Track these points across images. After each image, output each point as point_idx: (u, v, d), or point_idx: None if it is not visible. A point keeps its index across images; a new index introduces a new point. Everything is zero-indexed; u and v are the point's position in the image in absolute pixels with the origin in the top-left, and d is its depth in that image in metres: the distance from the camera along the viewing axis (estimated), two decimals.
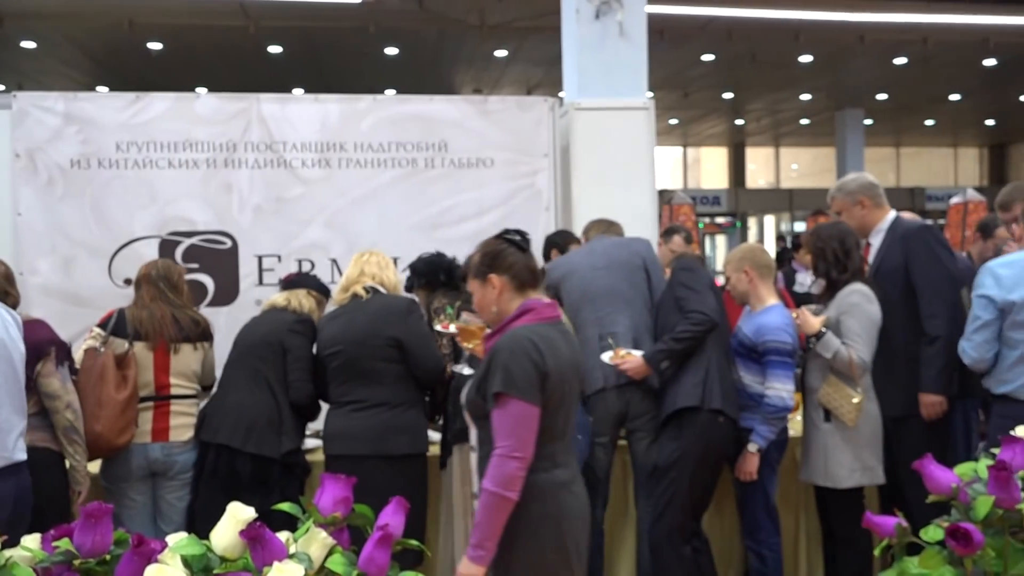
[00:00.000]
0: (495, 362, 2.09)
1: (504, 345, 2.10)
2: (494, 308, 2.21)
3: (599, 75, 4.72)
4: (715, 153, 23.43)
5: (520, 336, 2.10)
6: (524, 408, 2.03)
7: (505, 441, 2.03)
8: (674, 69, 13.34)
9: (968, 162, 23.88)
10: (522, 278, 2.21)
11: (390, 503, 1.55)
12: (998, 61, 13.18)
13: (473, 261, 2.29)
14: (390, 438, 2.92)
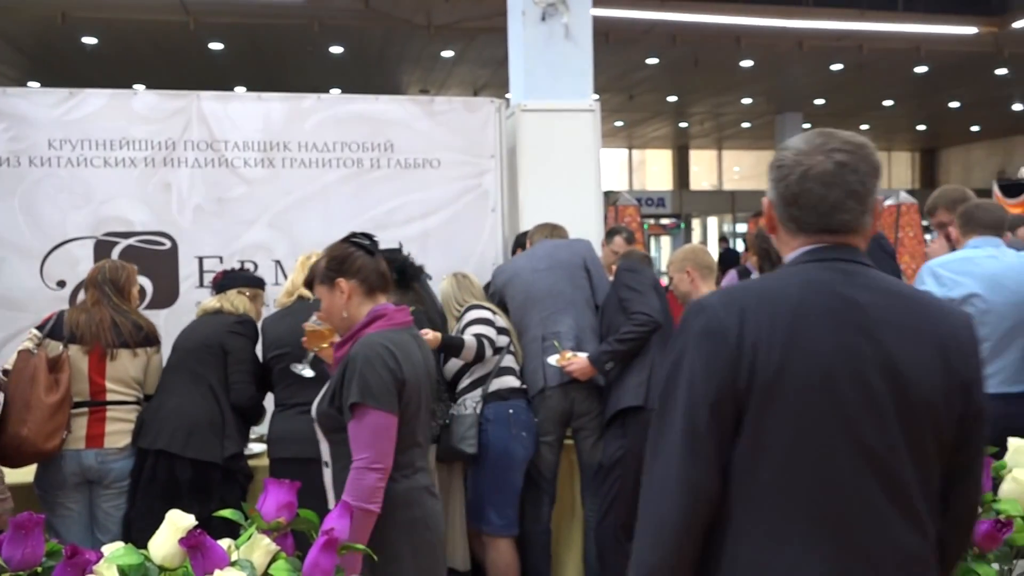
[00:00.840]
0: (350, 371, 2.03)
1: (359, 353, 2.04)
2: (344, 314, 2.16)
3: (545, 77, 4.74)
4: (660, 155, 23.77)
5: (375, 344, 2.06)
6: (382, 418, 2.00)
7: (364, 453, 1.98)
8: (619, 72, 13.49)
9: (901, 166, 24.71)
10: (372, 282, 2.17)
11: (336, 507, 1.53)
12: (929, 68, 13.67)
13: (319, 266, 2.21)
14: None
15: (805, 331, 1.25)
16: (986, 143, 22.75)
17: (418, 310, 3.27)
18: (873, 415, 1.24)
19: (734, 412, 1.24)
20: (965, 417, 1.29)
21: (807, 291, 1.29)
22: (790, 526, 1.23)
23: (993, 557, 1.67)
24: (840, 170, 1.33)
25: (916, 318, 1.30)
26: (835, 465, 1.23)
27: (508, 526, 3.17)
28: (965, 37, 11.72)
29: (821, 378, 1.23)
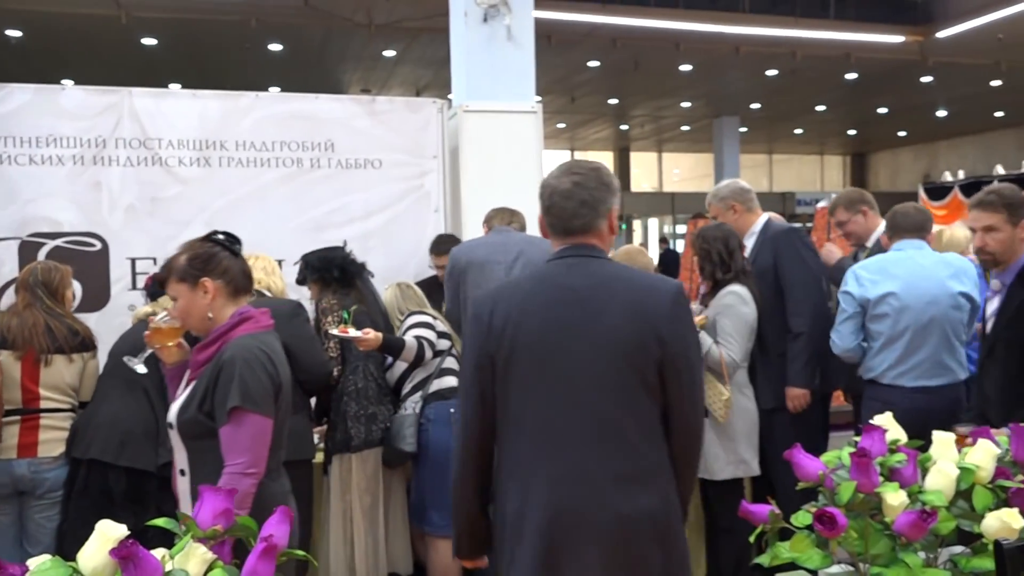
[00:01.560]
0: (226, 375, 1.98)
1: (236, 356, 2.00)
2: (209, 315, 2.09)
3: (488, 78, 4.75)
4: (601, 157, 24.02)
5: (251, 347, 2.02)
6: (261, 422, 1.98)
7: (240, 458, 1.94)
8: (561, 74, 13.59)
9: (833, 169, 25.49)
10: (237, 283, 2.13)
11: (274, 512, 1.50)
12: (858, 75, 14.13)
13: (178, 263, 2.11)
14: None
15: (529, 313, 1.81)
16: (912, 148, 23.64)
17: (360, 309, 3.25)
18: (580, 370, 1.77)
19: (492, 368, 1.81)
20: (663, 361, 1.77)
21: (535, 283, 1.89)
22: (527, 447, 1.80)
23: (919, 546, 1.73)
24: (575, 188, 1.86)
25: (618, 293, 1.80)
26: (550, 409, 1.78)
27: (450, 525, 3.14)
28: (892, 45, 12.16)
29: (539, 346, 1.79)
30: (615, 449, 1.76)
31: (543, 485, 1.76)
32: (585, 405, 1.77)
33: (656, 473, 1.80)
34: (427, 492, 3.20)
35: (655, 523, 1.79)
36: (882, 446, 1.86)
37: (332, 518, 3.14)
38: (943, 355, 3.06)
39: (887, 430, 1.92)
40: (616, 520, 1.75)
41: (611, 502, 1.75)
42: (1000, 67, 13.78)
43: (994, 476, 1.86)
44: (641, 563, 1.77)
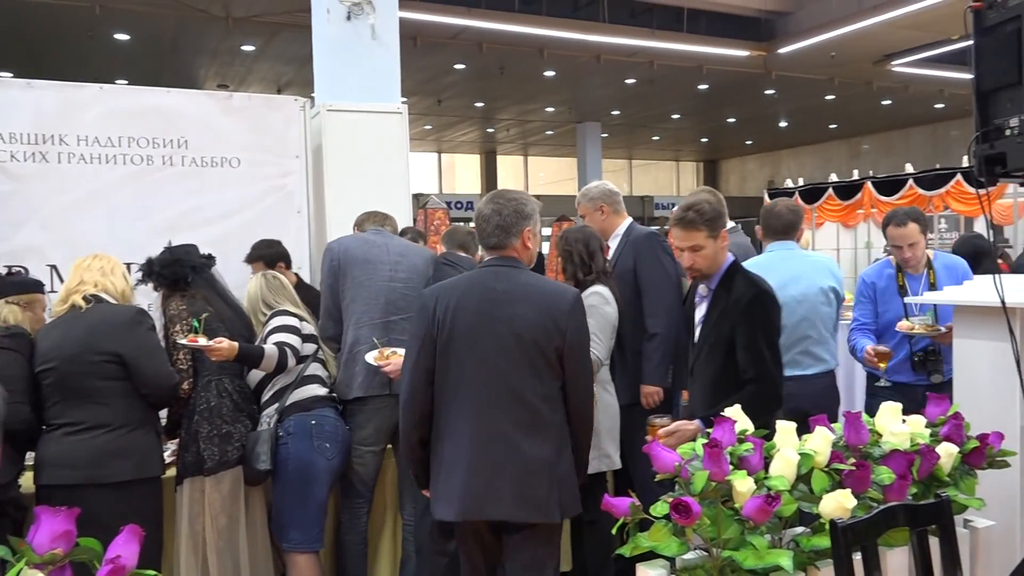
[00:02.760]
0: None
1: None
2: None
3: (352, 77, 4.67)
4: (468, 159, 24.15)
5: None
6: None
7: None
8: (428, 76, 13.56)
9: (688, 174, 26.79)
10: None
11: (121, 532, 1.41)
12: (709, 86, 14.93)
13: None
14: (109, 463, 2.62)
15: (464, 306, 2.39)
16: (758, 156, 25.23)
17: (212, 315, 3.01)
18: (499, 350, 2.35)
19: (433, 347, 2.39)
20: (562, 348, 2.36)
21: (469, 283, 2.45)
22: (457, 409, 2.37)
23: (765, 529, 1.85)
24: (492, 214, 2.46)
25: (531, 295, 2.40)
26: (477, 378, 2.36)
27: (310, 541, 3.02)
28: (739, 59, 12.93)
29: (470, 331, 2.37)
30: (523, 410, 2.35)
31: (470, 438, 2.35)
32: (502, 377, 2.35)
33: (551, 429, 2.39)
34: (286, 508, 3.02)
35: (551, 466, 2.36)
36: (732, 436, 1.97)
37: (183, 542, 2.93)
38: (816, 347, 3.44)
39: (736, 421, 2.04)
40: (522, 463, 2.33)
41: (518, 449, 2.33)
42: (834, 83, 14.97)
43: (830, 460, 2.01)
44: (539, 496, 2.34)
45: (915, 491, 2.10)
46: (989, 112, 2.29)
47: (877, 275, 3.62)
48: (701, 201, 2.61)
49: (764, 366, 2.54)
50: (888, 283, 3.56)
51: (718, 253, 2.62)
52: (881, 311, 3.53)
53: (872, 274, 3.66)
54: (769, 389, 2.54)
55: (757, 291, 2.58)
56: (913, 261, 3.48)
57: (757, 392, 2.51)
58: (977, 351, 2.87)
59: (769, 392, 2.54)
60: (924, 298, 3.42)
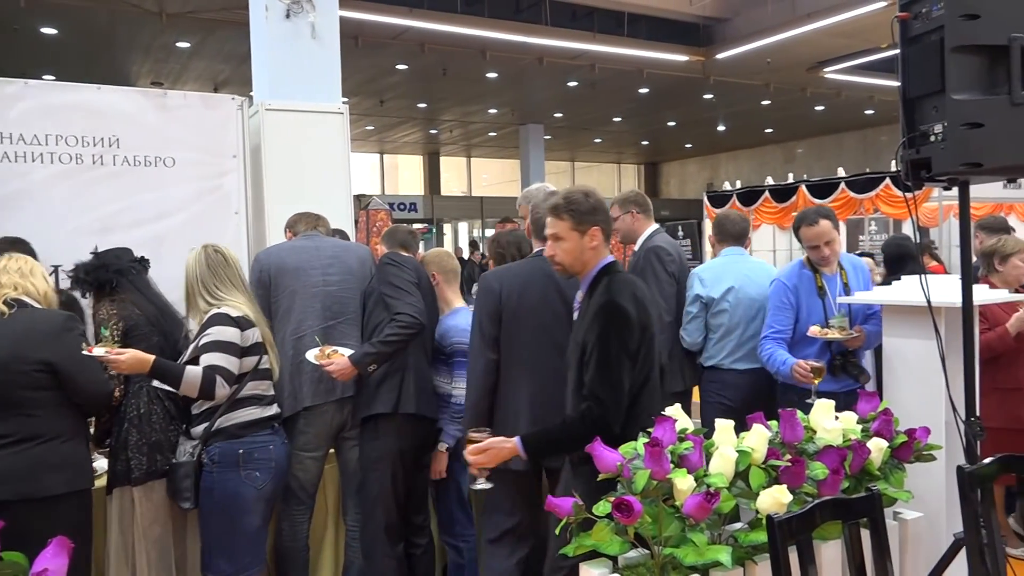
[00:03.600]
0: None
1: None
2: None
3: (291, 76, 4.60)
4: (411, 160, 24.01)
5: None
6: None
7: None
8: (369, 76, 13.43)
9: (629, 177, 27.14)
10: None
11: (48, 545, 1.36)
12: (650, 90, 15.15)
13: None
14: (42, 477, 2.47)
15: (528, 288, 2.79)
16: (698, 159, 25.71)
17: (139, 321, 2.86)
18: (556, 322, 2.73)
19: (498, 322, 2.77)
20: None
21: (530, 268, 2.86)
22: (520, 373, 2.76)
23: (705, 525, 1.89)
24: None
25: (536, 278, 2.80)
26: (539, 346, 2.75)
27: (242, 569, 2.82)
28: (678, 64, 13.15)
29: (533, 306, 2.77)
30: (570, 376, 2.52)
31: (529, 403, 2.74)
32: (557, 348, 2.65)
33: None
34: (212, 539, 2.80)
35: None
36: (672, 435, 2.00)
37: (112, 553, 2.82)
38: None
39: (676, 420, 2.07)
40: None
41: (567, 408, 2.52)
42: (769, 88, 15.35)
43: (766, 457, 2.06)
44: None
45: (847, 485, 2.16)
46: (915, 118, 2.38)
47: (796, 277, 3.47)
48: (575, 192, 2.43)
49: (600, 386, 2.25)
50: (808, 285, 3.44)
51: (583, 251, 2.39)
52: (803, 316, 3.41)
53: (790, 277, 3.48)
54: (601, 413, 2.23)
55: (606, 299, 2.32)
56: (833, 258, 3.42)
57: (587, 415, 2.25)
58: (905, 349, 2.98)
59: (601, 417, 2.23)
60: (856, 298, 3.53)
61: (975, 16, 2.21)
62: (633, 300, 2.32)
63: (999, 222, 5.14)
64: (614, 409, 2.25)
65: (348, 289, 3.28)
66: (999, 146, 2.24)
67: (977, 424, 2.46)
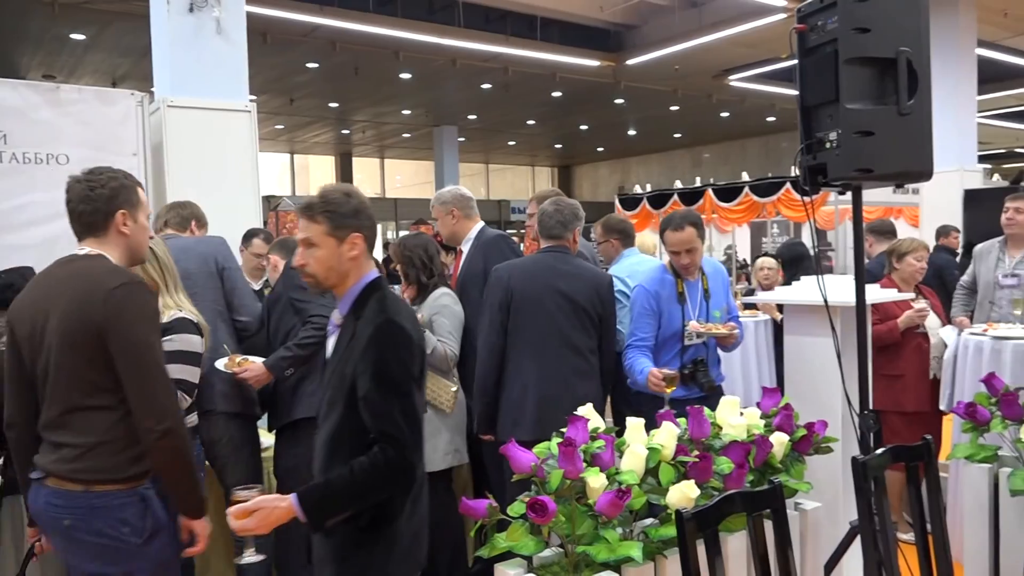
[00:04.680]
0: None
1: None
2: None
3: (195, 72, 4.44)
4: (323, 161, 23.57)
5: None
6: None
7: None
8: (278, 74, 13.11)
9: (543, 179, 27.40)
10: None
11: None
12: (562, 93, 15.34)
13: None
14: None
15: (533, 279, 3.15)
16: (609, 162, 26.19)
17: None
18: (559, 311, 3.12)
19: (507, 310, 3.13)
20: (602, 315, 3.19)
21: (536, 262, 3.23)
22: (524, 355, 3.10)
23: (617, 522, 1.92)
24: (555, 212, 3.27)
25: (583, 273, 3.22)
26: (542, 332, 3.10)
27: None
28: (589, 68, 13.35)
29: (538, 296, 3.12)
30: (573, 357, 3.09)
31: (535, 381, 3.07)
32: (561, 331, 3.09)
33: (595, 372, 3.16)
34: None
35: (595, 400, 2.84)
36: (585, 435, 2.03)
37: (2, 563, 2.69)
38: None
39: (588, 420, 2.10)
40: (574, 399, 2.71)
41: (571, 388, 3.02)
42: (677, 94, 15.78)
43: (675, 453, 2.12)
44: None
45: (752, 478, 2.24)
46: (812, 126, 2.49)
47: (659, 284, 3.36)
48: (334, 190, 2.01)
49: (390, 422, 1.82)
50: (670, 291, 3.33)
51: (341, 261, 1.97)
52: (665, 323, 3.30)
53: (653, 283, 3.36)
54: (398, 452, 1.82)
55: (384, 319, 1.89)
56: (692, 267, 3.32)
57: (380, 458, 1.81)
58: (804, 346, 3.11)
59: (398, 457, 1.82)
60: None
61: (866, 30, 2.32)
62: (411, 320, 1.96)
63: (887, 225, 5.45)
64: (412, 445, 1.84)
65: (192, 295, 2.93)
66: (888, 153, 2.37)
67: (871, 417, 2.59)
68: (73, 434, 1.98)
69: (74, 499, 1.96)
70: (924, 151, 2.42)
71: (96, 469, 1.96)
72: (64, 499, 1.97)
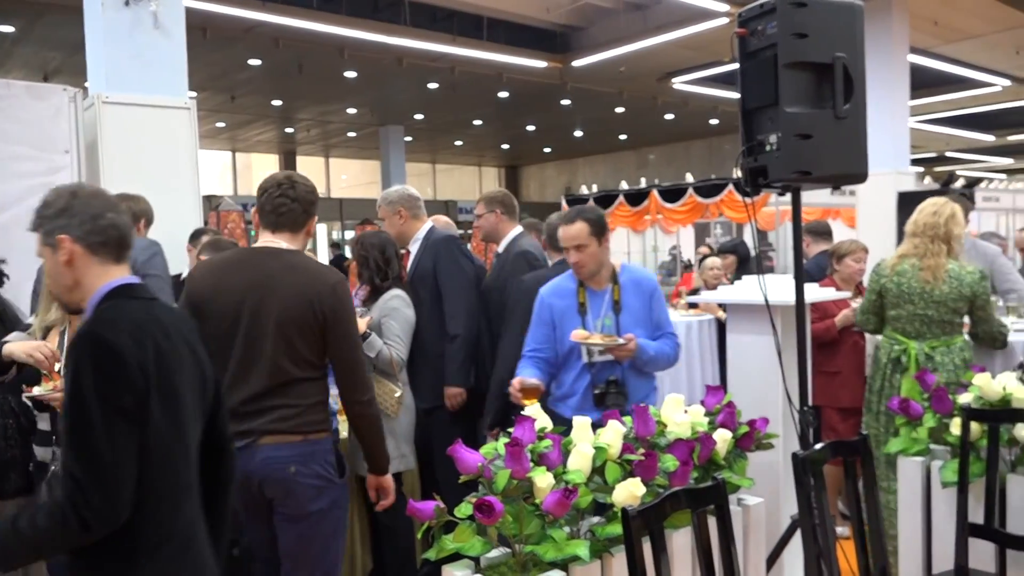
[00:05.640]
0: None
1: None
2: None
3: (132, 68, 4.31)
4: (266, 160, 23.15)
5: None
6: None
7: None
8: (219, 70, 12.83)
9: (490, 180, 27.39)
10: None
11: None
12: (510, 94, 15.36)
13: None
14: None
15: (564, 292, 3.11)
16: (556, 163, 26.31)
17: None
18: None
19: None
20: None
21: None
22: None
23: (564, 522, 1.93)
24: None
25: None
26: None
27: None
28: (536, 69, 13.40)
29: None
30: None
31: None
32: None
33: None
34: None
35: None
36: (532, 434, 2.03)
37: None
38: None
39: (536, 419, 2.11)
40: None
41: None
42: (623, 96, 15.94)
43: (621, 452, 2.14)
44: None
45: (696, 475, 2.28)
46: (753, 129, 2.54)
47: (556, 292, 3.03)
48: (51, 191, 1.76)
49: (74, 459, 1.46)
50: (569, 301, 2.99)
51: (60, 273, 1.67)
52: (560, 337, 2.96)
53: (550, 290, 3.06)
54: (82, 499, 1.44)
55: (84, 331, 1.54)
56: (583, 270, 2.94)
57: (61, 504, 1.45)
58: (746, 345, 3.17)
59: (81, 504, 1.44)
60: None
61: (804, 35, 2.38)
62: (135, 336, 1.54)
63: (823, 226, 5.61)
64: (99, 493, 1.44)
65: None
66: (825, 156, 2.43)
67: (810, 413, 2.66)
68: (291, 398, 2.37)
69: (296, 448, 2.36)
70: (860, 154, 2.49)
71: (312, 422, 2.40)
72: (287, 450, 2.35)
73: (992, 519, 2.55)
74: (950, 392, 2.90)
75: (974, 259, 4.31)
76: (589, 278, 3.00)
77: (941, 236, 3.51)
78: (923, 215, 3.60)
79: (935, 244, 3.51)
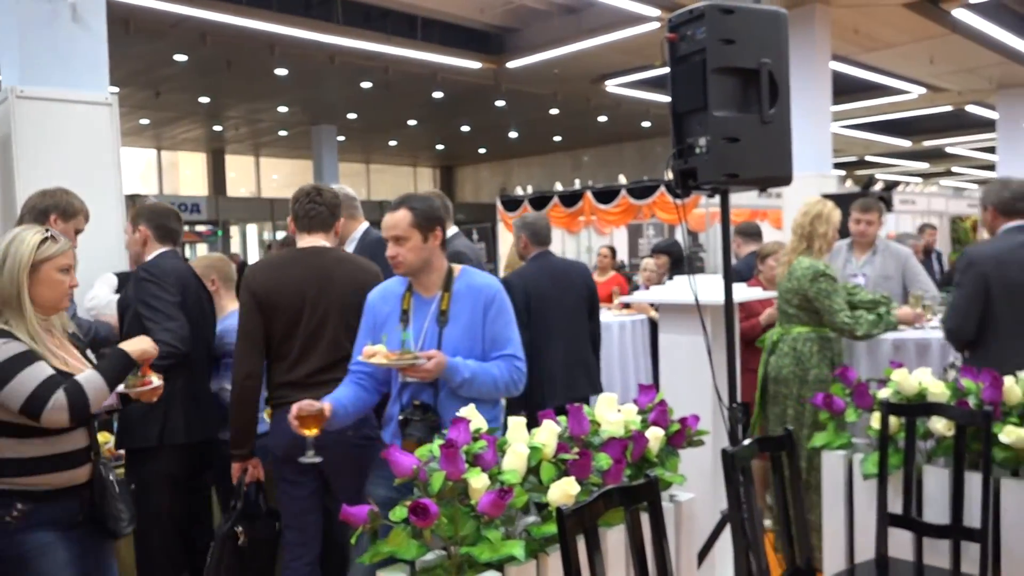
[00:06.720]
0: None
1: None
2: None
3: (49, 61, 4.13)
4: (193, 158, 22.52)
5: None
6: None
7: None
8: (143, 66, 12.43)
9: (425, 180, 27.25)
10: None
11: None
12: (444, 94, 15.31)
13: None
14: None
15: (545, 278, 4.23)
16: (491, 164, 26.36)
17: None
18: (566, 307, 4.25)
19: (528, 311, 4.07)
20: (591, 299, 4.37)
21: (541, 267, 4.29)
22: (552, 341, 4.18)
23: (499, 522, 1.93)
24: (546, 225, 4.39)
25: (576, 269, 4.54)
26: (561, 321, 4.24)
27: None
28: (470, 70, 13.39)
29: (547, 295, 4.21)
30: (588, 339, 4.30)
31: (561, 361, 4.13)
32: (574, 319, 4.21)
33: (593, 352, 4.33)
34: None
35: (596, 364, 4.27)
36: (467, 435, 2.03)
37: None
38: None
39: (471, 420, 2.10)
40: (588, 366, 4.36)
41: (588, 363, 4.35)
42: (557, 97, 16.07)
43: (556, 451, 2.15)
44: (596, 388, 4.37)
45: (629, 473, 2.31)
46: (683, 132, 2.59)
47: (383, 296, 2.58)
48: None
49: None
50: (393, 307, 2.53)
51: None
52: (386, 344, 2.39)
53: (378, 294, 2.60)
54: None
55: None
56: (395, 265, 2.48)
57: None
58: (677, 344, 3.23)
59: None
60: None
61: (732, 41, 2.44)
62: None
63: (752, 227, 5.76)
64: None
65: None
66: (752, 159, 2.50)
67: (739, 409, 2.72)
68: (342, 372, 2.59)
69: None
70: (785, 157, 2.57)
71: None
72: None
73: (910, 509, 2.66)
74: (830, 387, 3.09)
75: (887, 260, 4.50)
76: (410, 276, 2.52)
77: (805, 234, 3.83)
78: (797, 214, 3.94)
79: (800, 242, 3.85)
